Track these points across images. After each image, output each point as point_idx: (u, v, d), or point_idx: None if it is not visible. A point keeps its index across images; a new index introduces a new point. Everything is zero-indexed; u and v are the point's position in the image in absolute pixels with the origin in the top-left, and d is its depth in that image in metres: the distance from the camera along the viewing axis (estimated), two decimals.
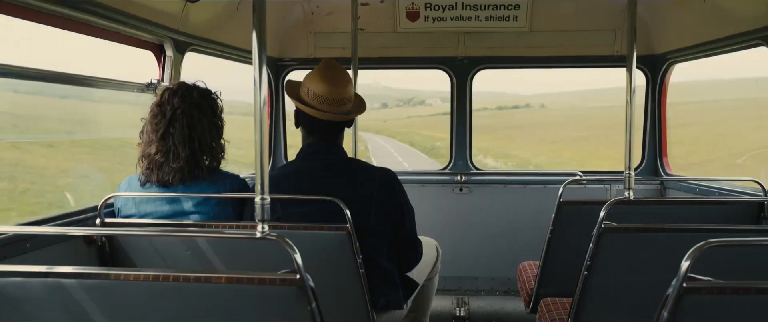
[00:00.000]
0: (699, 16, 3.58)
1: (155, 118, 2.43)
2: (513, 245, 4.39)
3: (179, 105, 2.42)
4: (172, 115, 2.41)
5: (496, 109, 72.36)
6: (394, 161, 29.97)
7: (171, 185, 2.41)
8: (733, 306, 1.37)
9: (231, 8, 3.52)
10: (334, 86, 2.42)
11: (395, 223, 2.48)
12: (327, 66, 2.49)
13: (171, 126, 2.40)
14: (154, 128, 2.41)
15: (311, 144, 2.50)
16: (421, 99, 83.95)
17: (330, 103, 2.42)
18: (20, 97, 7.45)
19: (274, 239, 1.55)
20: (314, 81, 2.44)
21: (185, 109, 2.42)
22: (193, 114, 2.43)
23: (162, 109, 2.43)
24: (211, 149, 2.49)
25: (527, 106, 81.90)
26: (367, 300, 2.28)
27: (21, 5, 2.09)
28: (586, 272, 2.20)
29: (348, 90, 2.47)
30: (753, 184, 3.11)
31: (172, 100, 2.43)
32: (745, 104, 36.66)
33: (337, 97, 2.43)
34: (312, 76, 2.46)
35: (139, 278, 1.50)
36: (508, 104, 78.82)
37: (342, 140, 2.57)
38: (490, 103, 73.26)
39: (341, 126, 2.53)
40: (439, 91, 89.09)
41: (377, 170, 2.50)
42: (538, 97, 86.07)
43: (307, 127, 2.52)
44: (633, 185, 2.58)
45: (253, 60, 1.62)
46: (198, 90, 2.51)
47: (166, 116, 2.41)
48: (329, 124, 2.47)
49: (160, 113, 2.43)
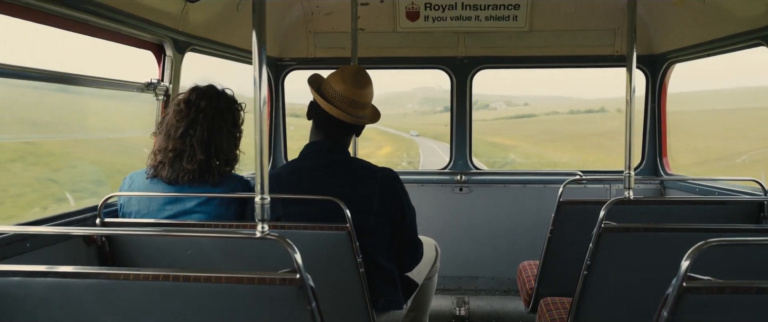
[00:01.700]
0: (699, 16, 3.58)
1: (178, 116, 2.43)
2: (513, 245, 4.40)
3: (205, 108, 2.43)
4: (196, 117, 2.42)
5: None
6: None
7: (178, 183, 2.41)
8: (733, 306, 1.37)
9: (231, 8, 3.52)
10: (354, 87, 2.45)
11: (396, 223, 2.48)
12: (354, 69, 2.54)
13: (192, 127, 2.41)
14: (176, 125, 2.41)
15: (315, 142, 2.51)
16: (485, 103, 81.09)
17: (346, 102, 2.45)
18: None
19: (274, 238, 1.55)
20: (337, 79, 2.48)
21: (209, 114, 2.44)
22: (215, 120, 2.45)
23: (188, 108, 2.43)
24: (226, 157, 2.50)
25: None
26: (367, 300, 2.28)
27: (21, 5, 2.09)
28: (586, 272, 2.20)
29: (366, 95, 2.49)
30: (753, 183, 3.11)
31: (199, 102, 2.44)
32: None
33: (355, 99, 2.46)
34: (337, 74, 2.51)
35: (139, 277, 1.50)
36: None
37: (348, 143, 2.58)
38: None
39: (351, 129, 2.54)
40: (504, 95, 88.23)
41: (379, 170, 2.50)
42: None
43: (316, 122, 2.53)
44: (633, 185, 2.57)
45: (253, 60, 1.62)
46: (225, 97, 2.52)
47: (190, 117, 2.42)
48: (339, 124, 2.48)
49: (185, 111, 2.43)
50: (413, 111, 78.90)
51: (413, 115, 73.12)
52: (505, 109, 78.60)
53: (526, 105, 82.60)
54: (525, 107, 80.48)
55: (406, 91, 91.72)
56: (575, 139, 48.24)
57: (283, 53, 4.57)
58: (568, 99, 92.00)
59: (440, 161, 11.64)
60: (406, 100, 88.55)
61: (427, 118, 63.96)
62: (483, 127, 59.22)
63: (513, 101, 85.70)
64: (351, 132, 2.56)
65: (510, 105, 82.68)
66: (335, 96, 2.45)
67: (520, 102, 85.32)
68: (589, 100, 72.58)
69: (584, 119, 63.30)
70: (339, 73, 2.49)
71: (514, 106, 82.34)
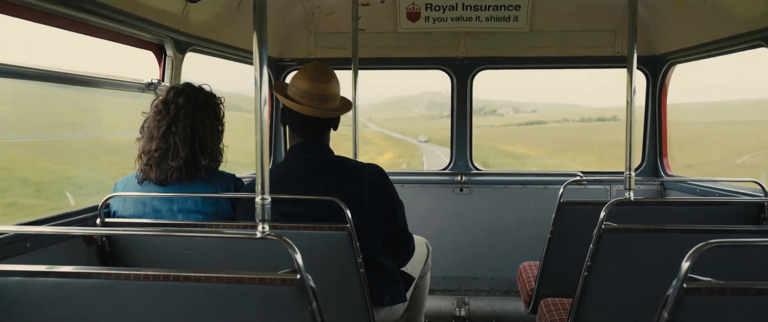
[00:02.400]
0: (699, 17, 3.58)
1: (158, 115, 2.44)
2: (513, 246, 4.39)
3: (183, 105, 2.44)
4: (176, 114, 2.43)
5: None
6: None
7: (169, 183, 2.42)
8: (734, 307, 1.36)
9: (231, 8, 3.53)
10: (317, 82, 2.44)
11: (388, 218, 2.50)
12: (313, 65, 2.53)
13: (173, 125, 2.42)
14: (157, 125, 2.42)
15: (299, 144, 2.51)
16: (492, 108, 79.41)
17: (312, 98, 2.44)
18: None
19: (274, 239, 1.54)
20: (300, 78, 2.48)
21: (189, 110, 2.44)
22: (196, 115, 2.45)
23: (166, 107, 2.44)
24: (211, 152, 2.51)
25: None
26: (368, 299, 2.28)
27: (21, 5, 2.09)
28: (586, 273, 2.20)
29: (331, 88, 2.48)
30: (753, 184, 3.11)
31: (177, 99, 2.45)
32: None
33: (320, 93, 2.44)
34: (298, 74, 2.51)
35: (139, 277, 1.50)
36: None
37: (328, 140, 2.57)
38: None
39: (326, 125, 2.53)
40: (511, 102, 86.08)
41: (367, 167, 2.51)
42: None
43: (292, 126, 2.53)
44: (633, 186, 2.57)
45: (253, 60, 1.62)
46: (203, 93, 2.53)
47: (170, 114, 2.43)
48: (314, 122, 2.47)
49: (164, 111, 2.44)
50: (420, 115, 78.12)
51: (420, 119, 72.34)
52: (512, 115, 77.69)
53: (533, 111, 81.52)
54: (533, 114, 79.32)
55: (413, 94, 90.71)
56: (595, 148, 46.33)
57: (284, 53, 4.57)
58: (577, 106, 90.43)
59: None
60: (412, 104, 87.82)
61: (435, 123, 63.14)
62: (492, 133, 58.09)
63: (520, 107, 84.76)
64: (328, 127, 2.55)
65: (517, 111, 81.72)
66: (303, 94, 2.44)
67: (528, 108, 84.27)
68: (599, 108, 71.07)
69: (598, 127, 61.95)
70: (302, 72, 2.49)
71: (521, 112, 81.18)
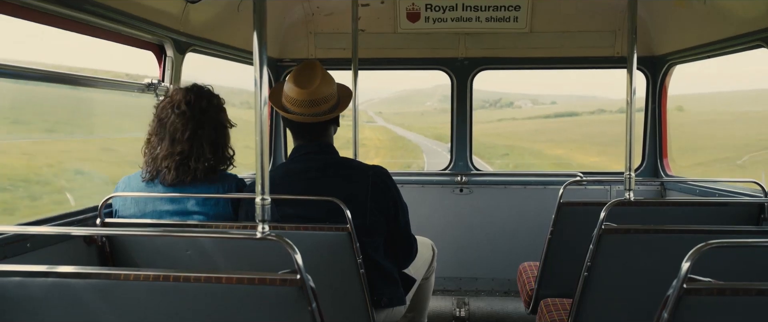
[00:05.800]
0: (699, 18, 3.58)
1: (182, 118, 2.41)
2: (513, 246, 4.39)
3: (207, 108, 2.45)
4: (201, 117, 2.42)
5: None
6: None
7: (182, 185, 2.40)
8: (734, 307, 1.37)
9: (231, 9, 3.53)
10: (302, 88, 2.39)
11: (390, 220, 2.49)
12: (300, 67, 2.48)
13: (200, 128, 2.41)
14: (182, 128, 2.40)
15: (302, 145, 2.50)
16: (508, 101, 76.94)
17: (301, 105, 2.40)
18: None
19: (274, 239, 1.55)
20: (288, 83, 2.44)
21: (212, 114, 2.46)
22: (219, 118, 2.48)
23: (191, 110, 2.42)
24: (227, 155, 2.53)
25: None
26: (368, 300, 2.28)
27: (21, 5, 2.09)
28: (586, 273, 2.20)
29: (319, 90, 2.41)
30: (753, 185, 3.11)
31: (200, 102, 2.45)
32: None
33: (309, 99, 2.39)
34: (288, 80, 2.46)
35: (139, 278, 1.50)
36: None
37: (331, 139, 2.55)
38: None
39: (324, 126, 2.49)
40: (528, 94, 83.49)
41: (370, 168, 2.50)
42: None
43: (291, 129, 2.53)
44: (633, 186, 2.57)
45: (253, 60, 1.62)
46: (217, 97, 2.54)
47: (195, 118, 2.41)
48: (311, 126, 2.45)
49: (188, 113, 2.41)
50: (433, 109, 76.06)
51: (433, 113, 70.58)
52: (531, 107, 75.30)
53: (553, 103, 79.47)
54: (553, 106, 77.07)
55: (425, 88, 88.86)
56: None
57: (284, 54, 4.57)
58: (592, 98, 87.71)
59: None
60: (425, 97, 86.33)
61: (448, 117, 62.10)
62: (517, 130, 54.92)
63: (539, 99, 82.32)
64: (327, 127, 2.51)
65: (536, 103, 79.21)
66: (292, 102, 2.41)
67: (547, 100, 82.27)
68: (615, 100, 68.62)
69: (621, 120, 61.12)
70: (290, 79, 2.44)
71: (540, 104, 78.83)
